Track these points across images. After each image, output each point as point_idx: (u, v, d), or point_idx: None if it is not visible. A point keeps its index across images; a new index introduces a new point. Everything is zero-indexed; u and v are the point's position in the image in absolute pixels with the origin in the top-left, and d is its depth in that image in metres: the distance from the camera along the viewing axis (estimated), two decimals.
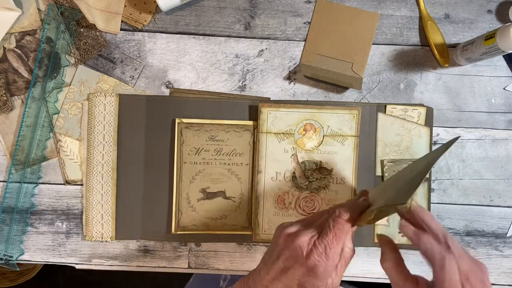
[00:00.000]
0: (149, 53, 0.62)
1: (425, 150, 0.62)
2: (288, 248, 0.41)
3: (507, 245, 0.64)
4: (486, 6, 0.64)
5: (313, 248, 0.40)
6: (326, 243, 0.39)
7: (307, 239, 0.40)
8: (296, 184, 0.61)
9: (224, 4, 0.63)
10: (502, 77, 0.64)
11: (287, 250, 0.41)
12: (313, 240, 0.40)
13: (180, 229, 0.61)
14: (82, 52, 0.61)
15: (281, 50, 0.63)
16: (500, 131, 0.64)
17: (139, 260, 0.62)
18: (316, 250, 0.39)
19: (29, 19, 0.61)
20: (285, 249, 0.41)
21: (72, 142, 0.61)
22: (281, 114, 0.60)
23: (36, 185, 0.62)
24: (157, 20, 0.62)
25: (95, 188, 0.61)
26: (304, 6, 0.63)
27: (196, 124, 0.61)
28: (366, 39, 0.63)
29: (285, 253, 0.41)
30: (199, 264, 0.63)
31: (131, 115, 0.61)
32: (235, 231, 0.62)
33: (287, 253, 0.41)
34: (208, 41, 0.63)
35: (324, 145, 0.61)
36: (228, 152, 0.61)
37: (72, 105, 0.61)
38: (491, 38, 0.54)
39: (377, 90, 0.63)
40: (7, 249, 0.61)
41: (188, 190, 0.61)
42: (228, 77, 0.63)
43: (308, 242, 0.40)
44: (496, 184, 0.64)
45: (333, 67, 0.62)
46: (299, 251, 0.40)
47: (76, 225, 0.62)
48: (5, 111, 0.61)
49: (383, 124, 0.62)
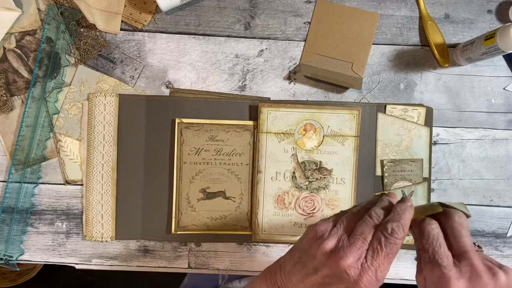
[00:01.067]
0: (149, 53, 0.62)
1: (425, 150, 0.62)
2: (330, 268, 0.37)
3: (507, 245, 0.64)
4: (486, 6, 0.64)
5: (362, 273, 0.35)
6: (377, 266, 0.35)
7: (354, 261, 0.36)
8: (296, 184, 0.61)
9: (224, 4, 0.63)
10: (502, 77, 0.64)
11: (328, 269, 0.37)
12: (360, 261, 0.36)
13: (180, 229, 0.61)
14: (82, 52, 0.61)
15: (281, 50, 0.63)
16: (500, 131, 0.64)
17: (139, 260, 0.62)
18: (367, 274, 0.35)
19: (29, 19, 0.61)
20: (326, 267, 0.37)
21: (72, 142, 0.61)
22: (281, 114, 0.60)
23: (36, 185, 0.62)
24: (157, 20, 0.62)
25: (95, 188, 0.61)
26: (304, 6, 0.63)
27: (196, 124, 0.61)
28: (366, 39, 0.63)
29: (325, 271, 0.37)
30: (199, 264, 0.63)
31: (131, 115, 0.61)
32: (235, 231, 0.62)
33: (327, 271, 0.37)
34: (208, 41, 0.63)
35: (324, 145, 0.61)
36: (228, 152, 0.61)
37: (72, 105, 0.61)
38: (491, 38, 0.54)
39: (377, 90, 0.63)
40: (7, 249, 0.61)
41: (188, 190, 0.61)
42: (228, 77, 0.63)
43: (355, 263, 0.36)
44: (496, 184, 0.64)
45: (333, 67, 0.62)
46: (346, 275, 0.36)
47: (76, 225, 0.62)
48: (5, 111, 0.61)
49: (383, 124, 0.62)
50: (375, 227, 0.37)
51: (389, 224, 0.36)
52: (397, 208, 0.37)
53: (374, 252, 0.36)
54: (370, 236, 0.37)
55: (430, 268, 0.35)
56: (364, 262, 0.36)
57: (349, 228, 0.38)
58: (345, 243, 0.37)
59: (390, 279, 0.64)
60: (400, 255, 0.63)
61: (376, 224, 0.37)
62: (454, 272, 0.34)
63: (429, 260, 0.36)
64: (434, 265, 0.35)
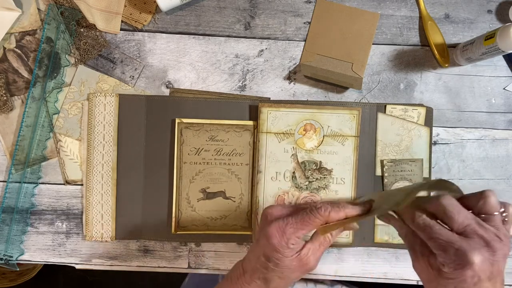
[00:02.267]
0: (149, 53, 0.62)
1: (425, 150, 0.62)
2: (261, 218, 0.45)
3: None
4: (486, 6, 0.64)
5: (275, 220, 0.42)
6: (289, 222, 0.42)
7: (276, 212, 0.44)
8: (296, 184, 0.61)
9: (224, 4, 0.63)
10: (502, 77, 0.64)
11: (261, 220, 0.45)
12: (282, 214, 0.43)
13: (180, 229, 0.61)
14: (82, 52, 0.61)
15: (281, 50, 0.63)
16: (500, 131, 0.64)
17: (139, 260, 0.62)
18: (277, 222, 0.42)
19: (29, 19, 0.61)
20: (260, 221, 0.45)
21: (72, 142, 0.61)
22: (281, 114, 0.60)
23: (36, 185, 0.62)
24: (157, 20, 0.62)
25: (95, 188, 0.61)
26: (304, 6, 0.63)
27: (196, 124, 0.61)
28: (366, 39, 0.63)
29: (260, 224, 0.45)
30: (199, 264, 0.63)
31: (131, 115, 0.61)
32: (235, 231, 0.62)
33: (260, 224, 0.45)
34: (208, 41, 0.63)
35: (324, 145, 0.61)
36: (228, 152, 0.61)
37: (72, 105, 0.61)
38: (491, 38, 0.54)
39: (377, 90, 0.63)
40: (7, 249, 0.61)
41: (188, 190, 0.61)
42: (228, 77, 0.63)
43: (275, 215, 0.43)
44: (496, 184, 0.64)
45: (333, 67, 0.62)
46: (265, 219, 0.44)
47: (76, 225, 0.62)
48: (5, 111, 0.61)
49: (383, 124, 0.62)
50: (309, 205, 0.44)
51: (321, 203, 0.42)
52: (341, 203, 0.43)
53: (295, 214, 0.42)
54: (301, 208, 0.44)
55: (444, 251, 0.36)
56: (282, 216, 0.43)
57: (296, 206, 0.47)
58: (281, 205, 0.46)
59: (390, 279, 0.64)
60: (400, 255, 0.63)
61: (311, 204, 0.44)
62: (466, 243, 0.36)
63: (439, 245, 0.37)
64: (445, 247, 0.36)
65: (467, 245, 0.36)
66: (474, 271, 0.35)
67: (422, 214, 0.39)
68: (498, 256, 0.36)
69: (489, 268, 0.35)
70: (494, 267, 0.36)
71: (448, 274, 0.36)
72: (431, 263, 0.38)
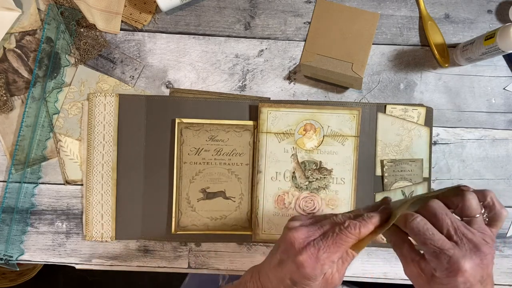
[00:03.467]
0: (149, 53, 0.62)
1: (425, 150, 0.62)
2: (284, 241, 0.41)
3: (507, 245, 0.64)
4: (486, 6, 0.64)
5: (306, 247, 0.39)
6: (321, 247, 0.38)
7: (302, 235, 0.40)
8: (296, 184, 0.61)
9: (224, 4, 0.63)
10: (502, 77, 0.64)
11: (283, 242, 0.41)
12: (309, 239, 0.39)
13: (180, 229, 0.61)
14: (82, 52, 0.61)
15: (281, 50, 0.63)
16: (500, 131, 0.64)
17: (139, 260, 0.62)
18: (309, 249, 0.38)
19: (29, 19, 0.61)
20: (282, 241, 0.41)
21: (72, 142, 0.61)
22: (281, 114, 0.60)
23: (36, 185, 0.62)
24: (157, 20, 0.62)
25: (95, 188, 0.61)
26: (304, 6, 0.63)
27: (196, 124, 0.61)
28: (366, 39, 0.63)
29: (281, 246, 0.41)
30: (199, 264, 0.63)
31: (131, 115, 0.61)
32: (235, 231, 0.62)
33: (282, 246, 0.41)
34: (208, 41, 0.63)
35: (324, 145, 0.61)
36: (228, 152, 0.61)
37: (72, 105, 0.61)
38: (491, 38, 0.54)
39: (377, 90, 0.63)
40: (7, 249, 0.61)
41: (188, 190, 0.61)
42: (228, 77, 0.63)
43: (303, 239, 0.39)
44: (496, 184, 0.64)
45: (333, 67, 0.62)
46: (291, 245, 0.39)
47: (76, 225, 0.62)
48: (5, 111, 0.61)
49: (383, 124, 0.62)
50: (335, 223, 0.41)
51: (348, 221, 0.39)
52: (364, 215, 0.40)
53: (325, 236, 0.39)
54: (327, 227, 0.40)
55: (436, 258, 0.37)
56: (312, 241, 0.39)
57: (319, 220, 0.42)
58: (307, 224, 0.41)
59: (390, 279, 0.64)
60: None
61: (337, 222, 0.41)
62: (458, 251, 0.36)
63: (432, 252, 0.37)
64: (438, 254, 0.37)
65: (459, 252, 0.36)
66: (466, 277, 0.36)
67: (416, 217, 0.39)
68: (487, 260, 0.36)
69: (480, 272, 0.36)
70: (484, 270, 0.36)
71: (440, 280, 0.37)
72: (422, 267, 0.39)
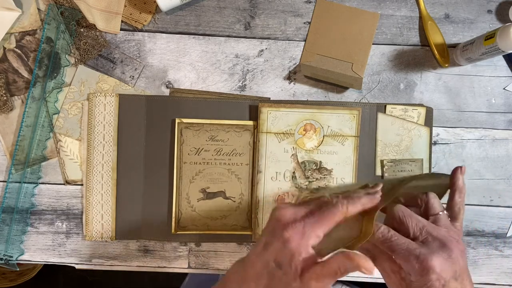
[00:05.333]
0: (149, 53, 0.62)
1: (425, 150, 0.62)
2: (270, 220, 0.39)
3: (507, 245, 0.64)
4: (486, 6, 0.64)
5: (292, 223, 0.37)
6: (307, 222, 0.37)
7: (289, 212, 0.38)
8: (296, 184, 0.61)
9: (224, 4, 0.63)
10: (502, 77, 0.64)
11: (270, 222, 0.39)
12: (296, 216, 0.38)
13: (180, 229, 0.61)
14: (82, 52, 0.61)
15: (281, 50, 0.63)
16: (500, 131, 0.64)
17: (139, 260, 0.62)
18: (295, 224, 0.37)
19: (29, 19, 0.61)
20: (269, 222, 0.40)
21: (72, 142, 0.61)
22: (281, 114, 0.60)
23: (36, 185, 0.62)
24: (157, 20, 0.62)
25: (95, 188, 0.61)
26: (304, 6, 0.63)
27: (196, 124, 0.61)
28: (366, 39, 0.63)
29: (268, 227, 0.39)
30: (199, 264, 0.63)
31: (131, 115, 0.61)
32: (235, 231, 0.62)
33: (269, 227, 0.39)
34: (208, 41, 0.63)
35: (324, 145, 0.61)
36: (228, 152, 0.61)
37: (72, 105, 0.61)
38: (491, 38, 0.54)
39: (377, 90, 0.63)
40: (7, 249, 0.61)
41: (188, 190, 0.61)
42: (228, 77, 0.63)
43: (289, 215, 0.38)
44: (496, 184, 0.64)
45: (333, 67, 0.62)
46: (278, 222, 0.38)
47: (76, 225, 0.62)
48: (5, 111, 0.61)
49: (383, 124, 0.62)
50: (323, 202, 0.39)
51: (335, 199, 0.38)
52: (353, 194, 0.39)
53: (312, 212, 0.38)
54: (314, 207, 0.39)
55: (407, 261, 0.38)
56: (299, 217, 0.37)
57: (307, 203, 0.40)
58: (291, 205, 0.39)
59: None
60: None
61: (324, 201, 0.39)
62: (425, 249, 0.37)
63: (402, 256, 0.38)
64: (407, 256, 0.37)
65: (425, 250, 0.37)
66: (438, 274, 0.36)
67: (379, 227, 0.39)
68: (455, 254, 0.37)
69: (451, 267, 0.37)
70: (456, 265, 0.37)
71: (416, 283, 0.37)
72: (403, 277, 0.39)
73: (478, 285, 0.64)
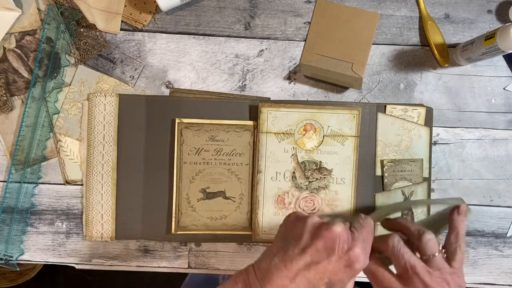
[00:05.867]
0: (149, 53, 0.62)
1: (425, 150, 0.62)
2: (323, 238, 0.36)
3: (507, 245, 0.64)
4: (486, 6, 0.64)
5: (354, 241, 0.36)
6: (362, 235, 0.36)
7: (345, 230, 0.37)
8: (296, 184, 0.61)
9: (224, 4, 0.63)
10: (502, 77, 0.64)
11: (320, 241, 0.36)
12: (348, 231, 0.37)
13: (180, 229, 0.61)
14: (82, 52, 0.61)
15: (281, 50, 0.63)
16: (500, 131, 0.64)
17: (139, 260, 0.62)
18: (358, 243, 0.36)
19: (29, 19, 0.61)
20: (318, 240, 0.36)
21: (72, 142, 0.61)
22: (281, 114, 0.60)
23: (36, 185, 0.62)
24: (157, 20, 0.62)
25: (95, 188, 0.61)
26: (304, 6, 0.63)
27: (196, 124, 0.61)
28: (366, 39, 0.63)
29: (317, 245, 0.36)
30: (199, 264, 0.63)
31: (131, 115, 0.61)
32: (235, 231, 0.62)
33: (319, 244, 0.36)
34: (208, 41, 0.63)
35: (324, 145, 0.61)
36: (228, 152, 0.61)
37: (72, 105, 0.61)
38: (491, 38, 0.54)
39: (377, 90, 0.63)
40: (7, 249, 0.61)
41: (188, 190, 0.61)
42: (228, 77, 0.63)
43: (347, 234, 0.36)
44: (496, 184, 0.64)
45: (333, 67, 0.62)
46: (338, 242, 0.35)
47: (76, 225, 0.62)
48: (5, 111, 0.61)
49: (383, 124, 0.62)
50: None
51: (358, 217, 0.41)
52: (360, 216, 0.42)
53: (356, 227, 0.38)
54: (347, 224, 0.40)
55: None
56: (353, 230, 0.38)
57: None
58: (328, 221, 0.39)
59: None
60: None
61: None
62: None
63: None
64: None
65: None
66: None
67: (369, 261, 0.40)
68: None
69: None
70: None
71: None
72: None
73: (478, 285, 0.64)
